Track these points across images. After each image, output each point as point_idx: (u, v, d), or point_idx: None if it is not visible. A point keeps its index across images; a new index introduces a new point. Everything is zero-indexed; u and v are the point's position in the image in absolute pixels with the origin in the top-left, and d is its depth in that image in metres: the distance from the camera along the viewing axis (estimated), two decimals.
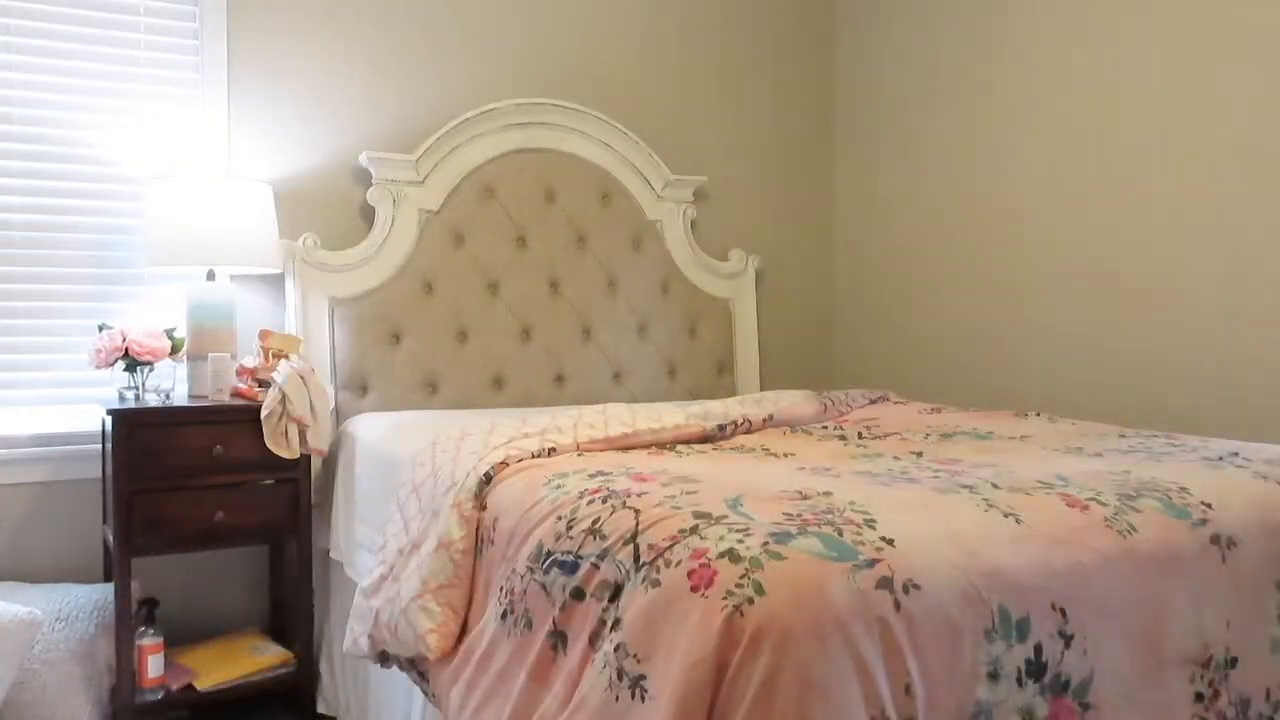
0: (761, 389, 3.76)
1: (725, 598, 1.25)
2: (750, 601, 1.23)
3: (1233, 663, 1.56)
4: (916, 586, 1.31)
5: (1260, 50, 2.65)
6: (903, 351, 3.74)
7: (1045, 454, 2.04)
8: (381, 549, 2.08)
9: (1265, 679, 1.59)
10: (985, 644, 1.33)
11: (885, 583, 1.29)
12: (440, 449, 2.07)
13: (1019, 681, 1.34)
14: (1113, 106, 3.02)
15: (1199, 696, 1.51)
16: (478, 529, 1.82)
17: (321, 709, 2.72)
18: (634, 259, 3.45)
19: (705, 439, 2.29)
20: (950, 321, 3.55)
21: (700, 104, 3.73)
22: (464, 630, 1.79)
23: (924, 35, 3.64)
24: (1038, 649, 1.37)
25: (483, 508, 1.83)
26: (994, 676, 1.32)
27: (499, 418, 2.30)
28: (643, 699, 1.27)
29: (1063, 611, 1.41)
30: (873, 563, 1.31)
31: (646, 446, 2.15)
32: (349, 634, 2.07)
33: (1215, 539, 1.61)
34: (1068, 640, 1.40)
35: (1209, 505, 1.65)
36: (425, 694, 1.91)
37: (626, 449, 2.11)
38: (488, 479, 1.86)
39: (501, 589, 1.66)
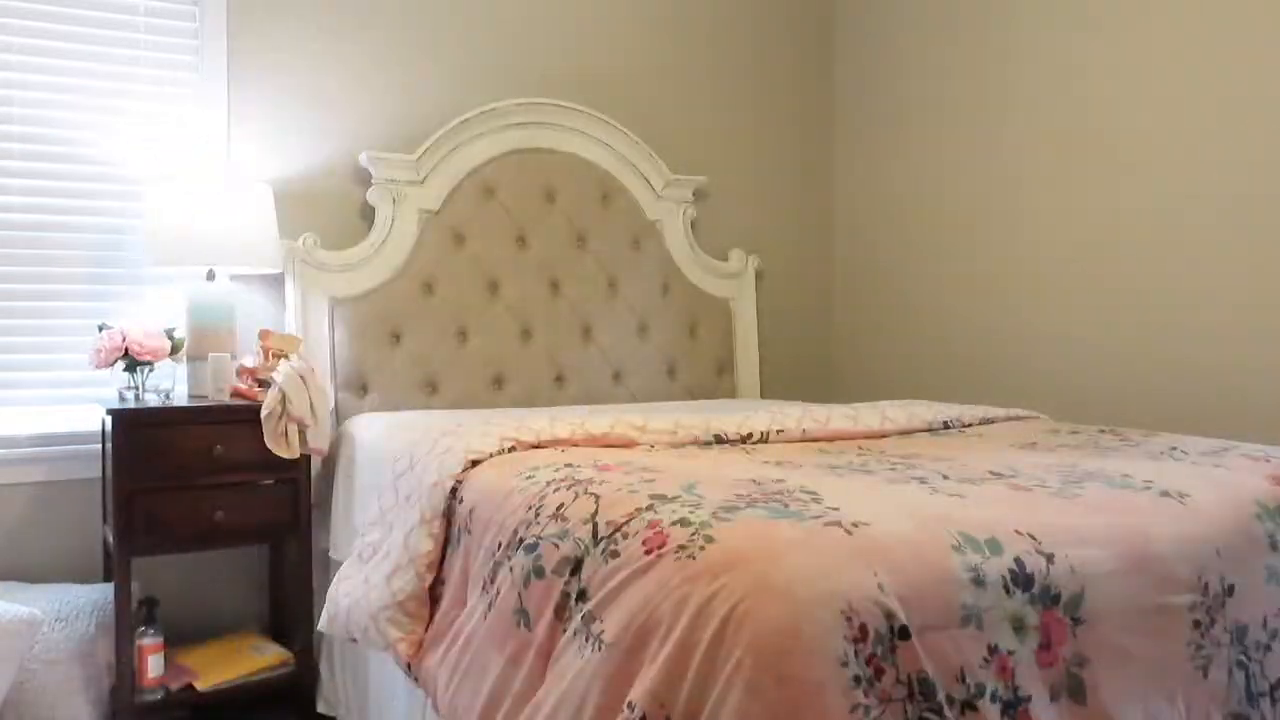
0: (761, 389, 3.76)
1: (677, 552, 1.32)
2: (701, 548, 1.31)
3: (1230, 590, 1.57)
4: (866, 524, 1.37)
5: (1267, 51, 2.65)
6: (903, 352, 3.73)
7: (1001, 449, 2.15)
8: (361, 538, 2.16)
9: (1263, 607, 1.61)
10: (956, 554, 1.35)
11: (834, 524, 1.36)
12: (419, 448, 2.12)
13: (1006, 590, 1.35)
14: (1116, 107, 3.01)
15: (1196, 624, 1.52)
16: (451, 521, 1.91)
17: (321, 709, 2.72)
18: (634, 259, 3.45)
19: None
20: (950, 321, 3.55)
21: (700, 104, 3.73)
22: (428, 626, 1.89)
23: (924, 35, 3.64)
24: (1019, 560, 1.38)
25: (459, 501, 1.90)
26: (978, 583, 1.33)
27: (527, 417, 2.31)
28: (600, 648, 1.33)
29: (1031, 535, 1.43)
30: (819, 516, 1.39)
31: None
32: (324, 615, 2.15)
33: (1165, 493, 1.68)
34: (1049, 557, 1.41)
35: (1150, 480, 1.75)
36: (404, 670, 1.97)
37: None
38: (454, 493, 1.92)
39: (484, 579, 1.71)
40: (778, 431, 2.27)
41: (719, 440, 2.22)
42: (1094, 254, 3.07)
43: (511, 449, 2.01)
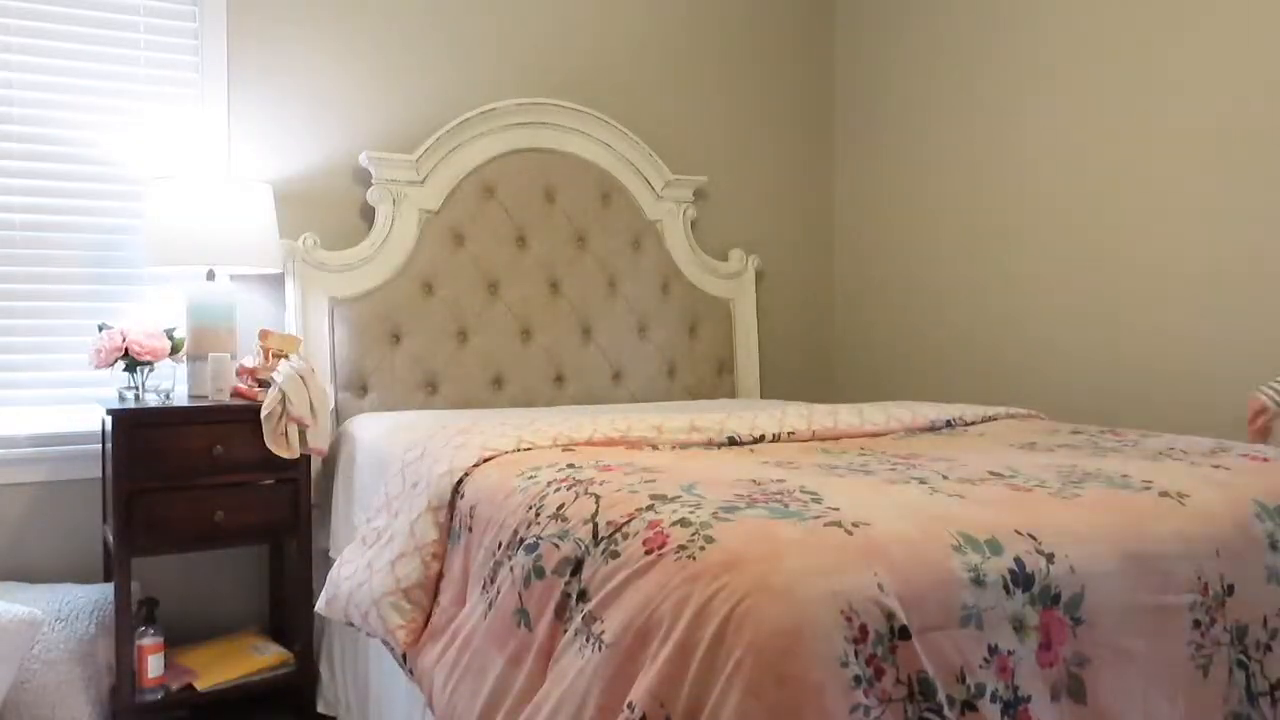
0: (761, 389, 3.76)
1: (677, 552, 1.32)
2: (702, 549, 1.31)
3: (1230, 590, 1.57)
4: (866, 524, 1.37)
5: (1257, 54, 2.65)
6: (902, 352, 3.74)
7: (1001, 449, 2.15)
8: (366, 523, 2.16)
9: (1263, 607, 1.61)
10: (956, 554, 1.35)
11: (834, 524, 1.36)
12: (433, 440, 2.12)
13: (1006, 590, 1.35)
14: (1115, 107, 3.02)
15: (1196, 624, 1.52)
16: (452, 515, 1.91)
17: (321, 709, 2.72)
18: (634, 259, 3.45)
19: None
20: (949, 322, 3.56)
21: (700, 104, 3.74)
22: (429, 616, 1.90)
23: (924, 35, 3.64)
24: (1019, 560, 1.38)
25: (460, 496, 1.91)
26: (978, 583, 1.33)
27: (536, 417, 2.32)
28: (600, 649, 1.33)
29: (1031, 535, 1.43)
30: (819, 516, 1.39)
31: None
32: (322, 597, 2.15)
33: (1164, 493, 1.68)
34: (1049, 556, 1.41)
35: (1149, 481, 1.75)
36: (399, 662, 1.99)
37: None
38: (457, 488, 1.92)
39: (484, 578, 1.72)
40: (789, 434, 2.28)
41: (733, 442, 2.21)
42: (1093, 254, 3.07)
43: (529, 449, 2.00)
